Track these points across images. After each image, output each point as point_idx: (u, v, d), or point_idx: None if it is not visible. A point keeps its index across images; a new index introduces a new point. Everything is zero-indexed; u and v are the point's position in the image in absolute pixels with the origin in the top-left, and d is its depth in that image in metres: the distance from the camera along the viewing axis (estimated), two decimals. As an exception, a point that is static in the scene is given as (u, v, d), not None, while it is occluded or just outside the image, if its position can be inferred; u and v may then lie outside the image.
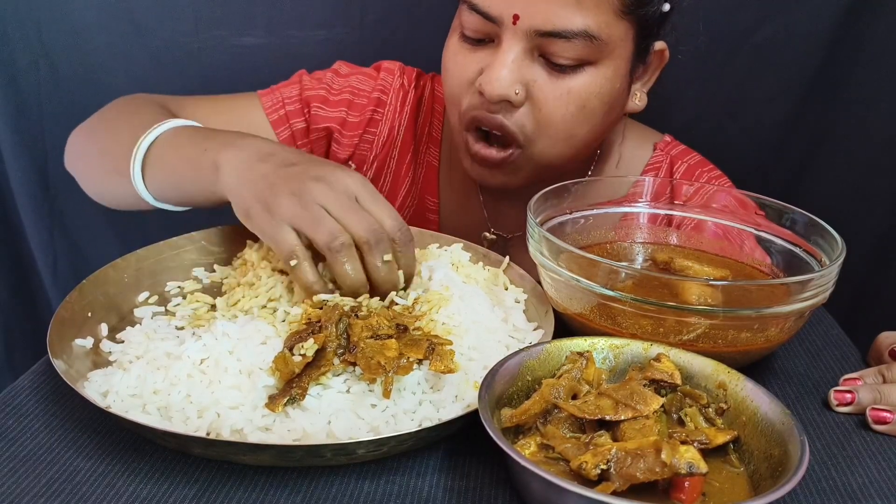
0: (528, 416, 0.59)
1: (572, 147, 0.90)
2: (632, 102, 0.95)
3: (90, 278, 0.76)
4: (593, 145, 0.96)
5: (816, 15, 1.25)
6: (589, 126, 0.89)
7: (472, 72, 0.88)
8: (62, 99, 1.35)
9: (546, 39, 0.83)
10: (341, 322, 0.67)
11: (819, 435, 0.67)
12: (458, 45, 0.90)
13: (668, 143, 1.06)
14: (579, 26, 0.81)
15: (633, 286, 0.70)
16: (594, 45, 0.83)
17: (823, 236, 0.76)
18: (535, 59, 0.85)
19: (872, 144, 1.29)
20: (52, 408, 0.66)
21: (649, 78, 0.96)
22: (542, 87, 0.85)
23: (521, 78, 0.85)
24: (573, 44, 0.82)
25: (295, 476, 0.59)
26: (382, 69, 1.08)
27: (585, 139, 0.90)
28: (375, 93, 1.07)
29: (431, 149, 1.10)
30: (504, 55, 0.84)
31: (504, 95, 0.84)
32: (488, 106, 0.87)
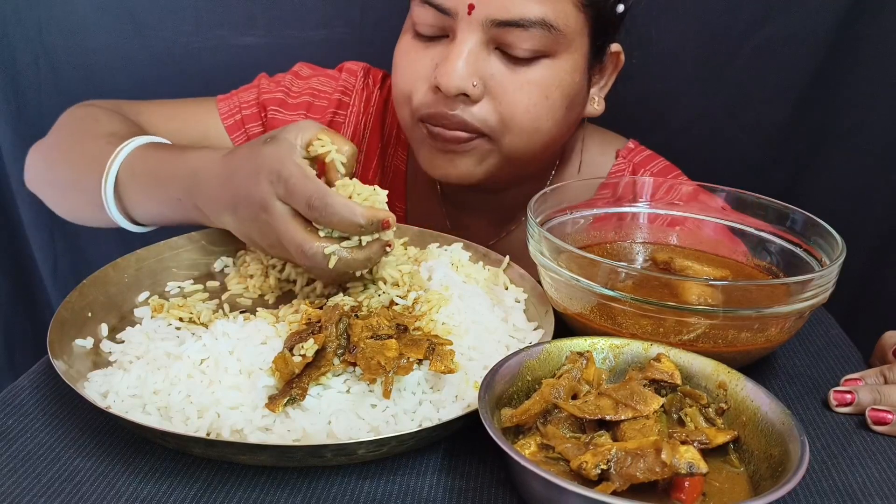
0: (528, 416, 0.59)
1: (538, 140, 0.87)
2: (590, 107, 0.94)
3: (90, 278, 0.76)
4: (555, 146, 0.93)
5: (816, 15, 1.25)
6: (553, 118, 0.86)
7: (425, 68, 0.85)
8: (62, 99, 1.34)
9: (502, 29, 0.81)
10: (341, 322, 0.67)
11: (819, 435, 0.67)
12: (410, 43, 0.87)
13: (631, 149, 1.04)
14: (537, 14, 0.80)
15: (633, 286, 0.70)
16: (552, 36, 0.81)
17: (823, 236, 0.76)
18: (491, 52, 0.83)
19: (872, 144, 1.29)
20: (53, 408, 0.66)
21: (606, 82, 0.95)
22: (501, 81, 0.83)
23: (477, 71, 0.82)
24: (530, 33, 0.81)
25: (295, 476, 0.59)
26: (345, 70, 1.06)
27: (550, 134, 0.88)
28: (336, 94, 1.04)
29: (399, 152, 1.07)
30: (460, 47, 0.82)
31: (461, 88, 0.81)
32: (446, 102, 0.84)
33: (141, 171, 0.83)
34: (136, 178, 0.83)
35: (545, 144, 0.89)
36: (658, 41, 1.28)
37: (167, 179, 0.81)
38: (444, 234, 0.89)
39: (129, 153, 0.84)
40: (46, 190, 0.99)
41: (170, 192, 0.81)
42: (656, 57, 1.29)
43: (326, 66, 1.11)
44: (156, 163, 0.83)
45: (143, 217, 0.86)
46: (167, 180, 0.81)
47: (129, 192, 0.84)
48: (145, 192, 0.83)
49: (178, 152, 0.83)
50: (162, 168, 0.82)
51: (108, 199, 0.84)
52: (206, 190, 0.77)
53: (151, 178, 0.83)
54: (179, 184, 0.80)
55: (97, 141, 0.88)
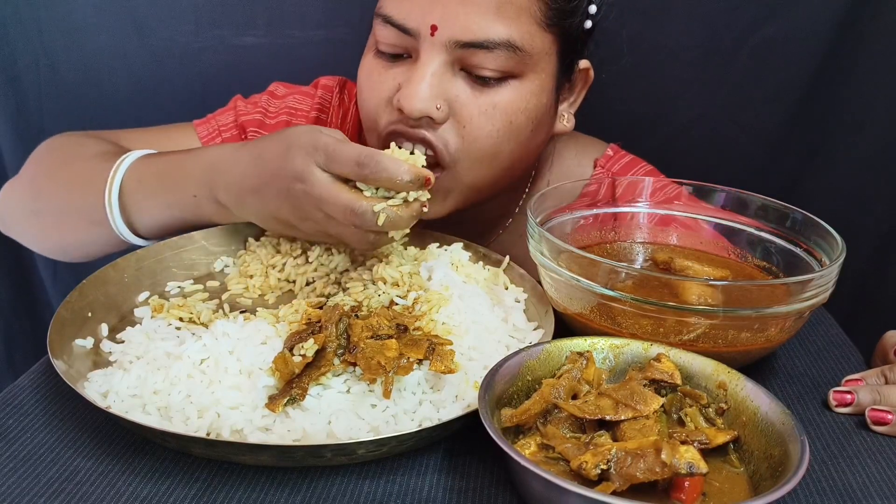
0: (528, 416, 0.59)
1: (497, 167, 0.86)
2: (559, 124, 0.92)
3: (90, 278, 0.76)
4: (520, 167, 0.91)
5: (816, 15, 1.25)
6: (515, 143, 0.85)
7: (388, 89, 0.83)
8: (62, 99, 1.35)
9: (467, 51, 0.79)
10: (341, 322, 0.67)
11: (819, 435, 0.67)
12: (373, 63, 0.85)
13: (610, 157, 1.02)
14: (502, 36, 0.78)
15: (633, 286, 0.70)
16: (518, 57, 0.80)
17: (823, 236, 0.76)
18: (456, 73, 0.81)
19: (872, 144, 1.29)
20: (53, 408, 0.66)
21: (575, 99, 0.94)
22: (466, 103, 0.81)
23: (442, 93, 0.80)
24: (496, 55, 0.79)
25: (295, 476, 0.59)
26: (320, 86, 1.06)
27: (511, 158, 0.86)
28: (314, 112, 1.04)
29: None
30: (423, 69, 0.80)
31: (424, 111, 0.79)
32: (408, 122, 0.82)
33: (148, 176, 0.83)
34: (142, 184, 0.83)
35: (505, 169, 0.87)
36: (659, 41, 1.29)
37: (180, 179, 0.81)
38: (444, 235, 0.89)
39: (132, 163, 0.84)
40: (30, 223, 0.94)
41: (184, 191, 0.80)
42: (656, 57, 1.30)
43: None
44: (164, 166, 0.83)
45: (149, 225, 0.85)
46: (180, 180, 0.81)
47: (136, 200, 0.83)
48: (154, 196, 0.83)
49: (187, 153, 0.83)
50: (172, 170, 0.82)
51: (114, 207, 0.83)
52: (228, 177, 0.77)
53: (161, 181, 0.83)
54: (195, 180, 0.80)
55: (89, 161, 0.87)
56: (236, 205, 0.78)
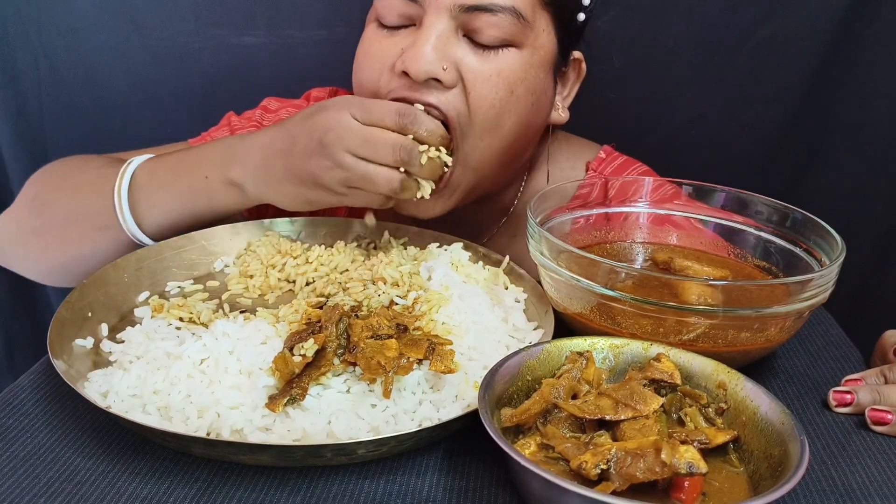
0: (528, 416, 0.59)
1: (500, 142, 0.85)
2: (554, 114, 0.93)
3: (90, 278, 0.76)
4: (520, 151, 0.90)
5: (816, 15, 1.25)
6: (516, 117, 0.84)
7: (391, 56, 0.82)
8: (62, 99, 1.35)
9: (471, 15, 0.79)
10: (341, 322, 0.67)
11: (819, 435, 0.67)
12: (374, 33, 0.85)
13: (603, 159, 1.02)
14: (507, 1, 0.79)
15: (633, 286, 0.70)
16: (520, 25, 0.81)
17: (823, 236, 0.76)
18: (460, 38, 0.81)
19: (872, 144, 1.29)
20: (53, 408, 0.66)
21: (569, 92, 0.94)
22: (472, 67, 0.81)
23: (447, 56, 0.80)
24: (499, 19, 0.80)
25: (295, 476, 0.59)
26: (312, 98, 1.06)
27: (512, 134, 0.85)
28: None
29: None
30: (427, 31, 0.80)
31: (431, 72, 0.79)
32: (414, 88, 0.81)
33: (160, 169, 0.85)
34: (154, 177, 0.84)
35: (507, 146, 0.86)
36: (659, 41, 1.29)
37: (192, 164, 0.83)
38: (444, 234, 0.89)
39: (142, 162, 0.85)
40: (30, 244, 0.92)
41: (196, 175, 0.82)
42: (656, 57, 1.30)
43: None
44: (176, 158, 0.85)
45: (159, 222, 0.85)
46: (193, 165, 0.83)
47: (147, 194, 0.84)
48: (165, 187, 0.84)
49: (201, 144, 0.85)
50: (185, 158, 0.85)
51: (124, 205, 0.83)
52: (244, 152, 0.81)
53: (173, 171, 0.84)
54: (208, 161, 0.82)
55: (95, 170, 0.87)
56: (254, 176, 0.80)
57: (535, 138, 0.94)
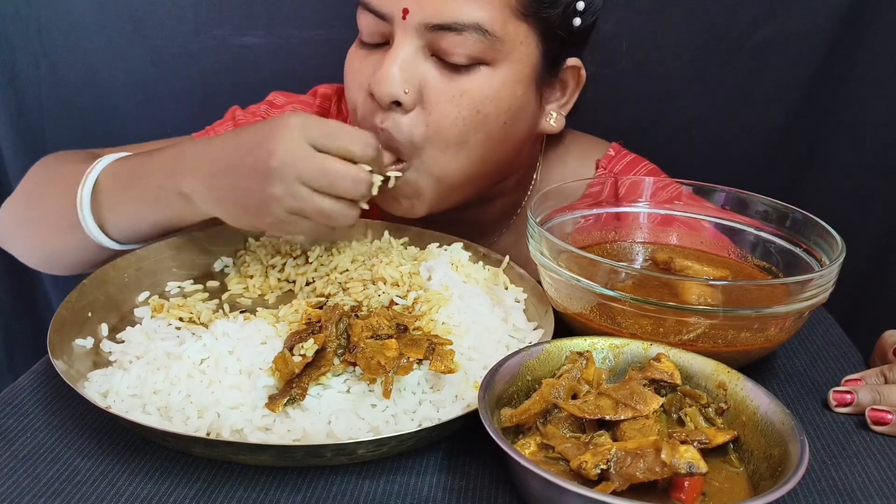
0: (528, 416, 0.59)
1: (466, 157, 0.84)
2: (546, 123, 0.90)
3: (90, 278, 0.76)
4: (497, 162, 0.88)
5: (816, 15, 1.25)
6: (483, 134, 0.83)
7: (365, 76, 0.83)
8: (62, 99, 1.35)
9: (437, 34, 0.79)
10: (341, 322, 0.67)
11: (819, 435, 0.67)
12: (355, 52, 0.86)
13: (612, 157, 1.01)
14: (471, 19, 0.78)
15: (633, 286, 0.70)
16: (488, 42, 0.79)
17: (823, 236, 0.76)
18: (427, 58, 0.81)
19: (872, 144, 1.29)
20: (53, 408, 0.66)
21: (567, 99, 0.91)
22: (435, 88, 0.81)
23: (411, 77, 0.80)
24: (465, 38, 0.78)
25: (295, 476, 0.59)
26: (319, 94, 1.05)
27: (482, 149, 0.84)
28: None
29: None
30: (394, 52, 0.80)
31: (393, 95, 0.79)
32: (380, 112, 0.81)
33: (123, 173, 0.82)
34: (116, 180, 0.81)
35: (476, 161, 0.85)
36: (659, 41, 1.29)
37: (148, 171, 0.80)
38: (444, 235, 0.89)
39: (111, 162, 0.83)
40: (22, 234, 0.93)
41: (150, 184, 0.79)
42: (656, 57, 1.30)
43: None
44: (138, 160, 0.82)
45: (121, 227, 0.82)
46: (148, 172, 0.80)
47: (108, 198, 0.81)
48: (124, 192, 0.81)
49: (162, 147, 0.82)
50: (144, 163, 0.81)
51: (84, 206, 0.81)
52: (196, 163, 0.77)
53: (132, 176, 0.81)
54: (162, 170, 0.79)
55: (74, 165, 0.86)
56: (202, 190, 0.76)
57: (520, 148, 0.91)
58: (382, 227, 0.91)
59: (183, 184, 0.77)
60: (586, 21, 0.85)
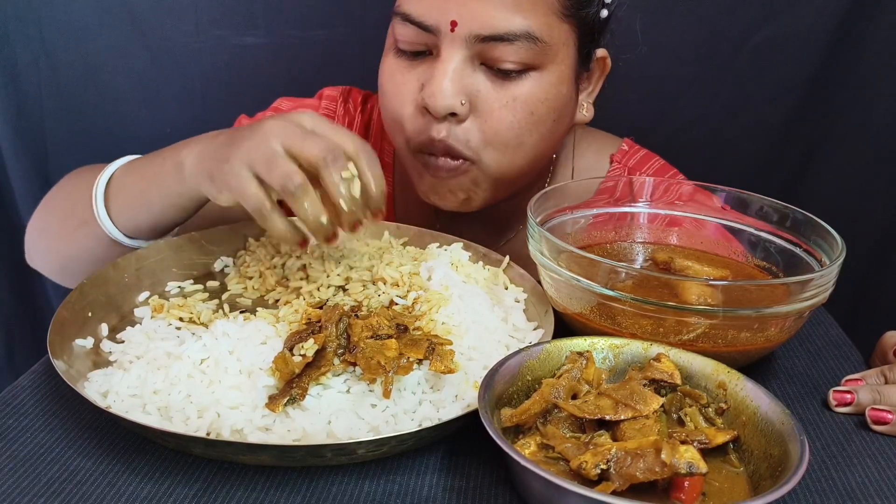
0: (528, 416, 0.59)
1: (523, 157, 0.87)
2: (579, 113, 0.93)
3: (90, 278, 0.76)
4: (545, 157, 0.92)
5: (816, 15, 1.25)
6: (538, 134, 0.86)
7: (411, 90, 0.84)
8: (63, 99, 1.35)
9: (487, 45, 0.80)
10: (341, 322, 0.67)
11: (819, 435, 0.67)
12: (395, 63, 0.86)
13: (625, 152, 1.03)
14: (521, 27, 0.79)
15: (633, 286, 0.70)
16: (538, 48, 0.80)
17: (823, 236, 0.76)
18: (476, 68, 0.82)
19: (872, 144, 1.29)
20: (53, 408, 0.66)
21: (594, 88, 0.94)
22: (488, 96, 0.82)
23: (464, 88, 0.81)
24: (516, 47, 0.80)
25: (295, 476, 0.59)
26: (324, 97, 1.06)
27: (536, 148, 0.87)
28: None
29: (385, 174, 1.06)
30: (444, 65, 0.80)
31: (450, 107, 0.81)
32: (433, 125, 0.83)
33: (135, 163, 0.83)
34: (131, 168, 0.82)
35: (531, 159, 0.88)
36: (659, 41, 1.29)
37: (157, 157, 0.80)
38: (444, 234, 0.89)
39: (127, 161, 0.84)
40: (40, 243, 0.94)
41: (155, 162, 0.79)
42: (656, 57, 1.30)
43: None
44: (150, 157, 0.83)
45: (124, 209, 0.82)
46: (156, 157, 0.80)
47: (118, 183, 0.82)
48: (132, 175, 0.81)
49: None
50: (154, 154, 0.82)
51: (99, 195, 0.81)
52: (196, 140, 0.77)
53: (142, 164, 0.82)
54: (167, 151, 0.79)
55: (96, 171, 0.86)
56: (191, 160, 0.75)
57: (561, 141, 0.95)
58: (382, 227, 0.91)
59: (180, 153, 0.76)
60: (610, 10, 0.87)
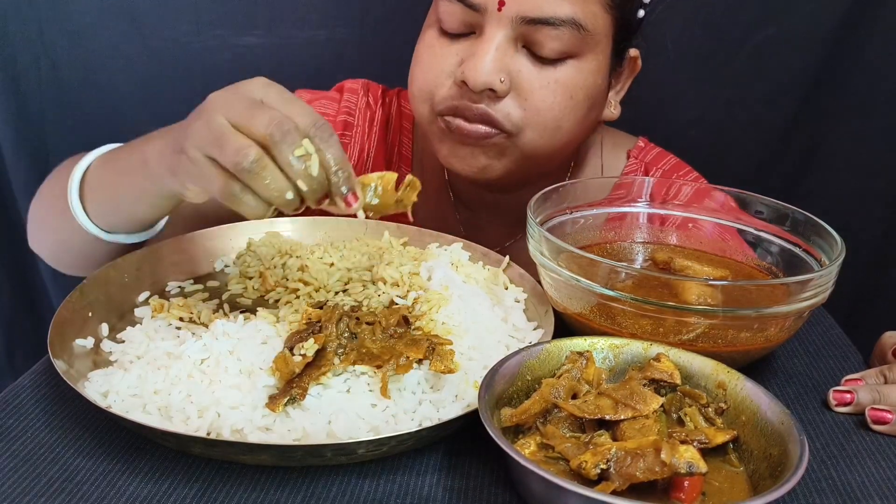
0: (527, 416, 0.59)
1: (559, 139, 0.88)
2: (607, 110, 0.94)
3: (91, 278, 0.76)
4: (574, 144, 0.94)
5: (816, 15, 1.25)
6: (574, 119, 0.87)
7: (450, 64, 0.85)
8: (63, 99, 1.35)
9: (532, 27, 0.81)
10: (341, 322, 0.67)
11: (818, 434, 0.67)
12: (434, 38, 0.87)
13: (641, 148, 1.05)
14: (567, 14, 0.80)
15: (633, 286, 0.70)
16: (580, 36, 0.81)
17: (823, 236, 0.76)
18: (518, 50, 0.83)
19: (872, 144, 1.29)
20: (53, 407, 0.66)
21: (622, 86, 0.95)
22: (528, 77, 0.83)
23: (504, 67, 0.82)
24: (560, 32, 0.81)
25: (295, 476, 0.59)
26: (345, 90, 1.06)
27: (571, 133, 0.88)
28: (341, 116, 1.04)
29: (402, 168, 1.07)
30: (487, 43, 0.82)
31: (488, 83, 0.81)
32: (470, 96, 0.83)
33: (114, 151, 0.82)
34: (103, 166, 0.81)
35: (563, 144, 0.89)
36: (660, 41, 1.29)
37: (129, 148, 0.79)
38: (444, 234, 0.89)
39: (105, 151, 0.82)
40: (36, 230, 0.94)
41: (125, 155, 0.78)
42: (656, 57, 1.30)
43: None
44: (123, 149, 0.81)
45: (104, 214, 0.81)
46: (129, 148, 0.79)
47: (94, 188, 0.80)
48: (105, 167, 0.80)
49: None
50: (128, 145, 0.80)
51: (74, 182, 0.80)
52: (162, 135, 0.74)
53: (114, 159, 0.81)
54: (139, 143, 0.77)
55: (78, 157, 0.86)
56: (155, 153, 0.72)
57: (587, 134, 0.96)
58: (382, 227, 0.91)
59: (145, 148, 0.74)
60: (646, 10, 0.88)
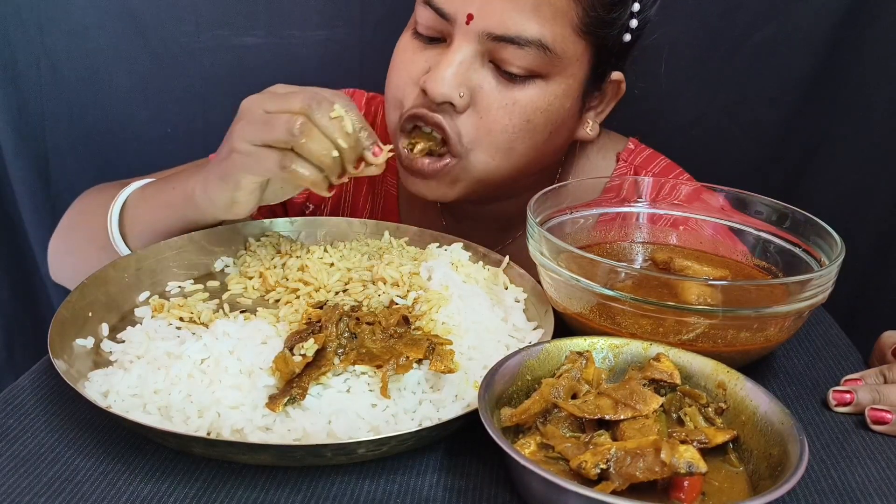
0: (527, 416, 0.59)
1: (510, 163, 0.87)
2: (582, 130, 0.93)
3: (91, 278, 0.76)
4: (534, 167, 0.92)
5: (816, 15, 1.25)
6: (530, 142, 0.86)
7: (418, 70, 0.85)
8: (63, 99, 1.35)
9: (498, 44, 0.80)
10: (341, 322, 0.67)
11: (818, 434, 0.67)
12: (409, 42, 0.87)
13: (632, 150, 1.04)
14: (534, 34, 0.80)
15: (632, 286, 0.70)
16: (547, 58, 0.81)
17: (823, 236, 0.76)
18: (484, 65, 0.83)
19: (872, 144, 1.29)
20: (53, 407, 0.66)
21: (604, 108, 0.94)
22: (488, 95, 0.83)
23: (466, 81, 0.82)
24: (525, 52, 0.80)
25: (295, 476, 0.59)
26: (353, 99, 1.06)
27: (526, 156, 0.87)
28: None
29: (388, 177, 1.07)
30: (452, 55, 0.82)
31: (447, 96, 0.81)
32: (430, 105, 0.83)
33: (152, 185, 0.86)
34: (143, 194, 0.85)
35: (519, 166, 0.88)
36: (658, 41, 1.29)
37: (175, 178, 0.84)
38: (444, 235, 0.89)
39: (138, 187, 0.87)
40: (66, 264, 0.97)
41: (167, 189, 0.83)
42: (656, 57, 1.30)
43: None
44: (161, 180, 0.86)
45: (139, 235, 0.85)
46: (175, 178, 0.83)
47: (132, 210, 0.85)
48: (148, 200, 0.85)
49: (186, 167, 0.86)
50: (166, 179, 0.85)
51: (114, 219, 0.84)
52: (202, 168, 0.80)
53: (160, 185, 0.85)
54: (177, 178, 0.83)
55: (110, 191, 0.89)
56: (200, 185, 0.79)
57: (557, 153, 0.95)
58: (382, 227, 0.91)
59: (189, 183, 0.80)
60: (634, 36, 0.88)
